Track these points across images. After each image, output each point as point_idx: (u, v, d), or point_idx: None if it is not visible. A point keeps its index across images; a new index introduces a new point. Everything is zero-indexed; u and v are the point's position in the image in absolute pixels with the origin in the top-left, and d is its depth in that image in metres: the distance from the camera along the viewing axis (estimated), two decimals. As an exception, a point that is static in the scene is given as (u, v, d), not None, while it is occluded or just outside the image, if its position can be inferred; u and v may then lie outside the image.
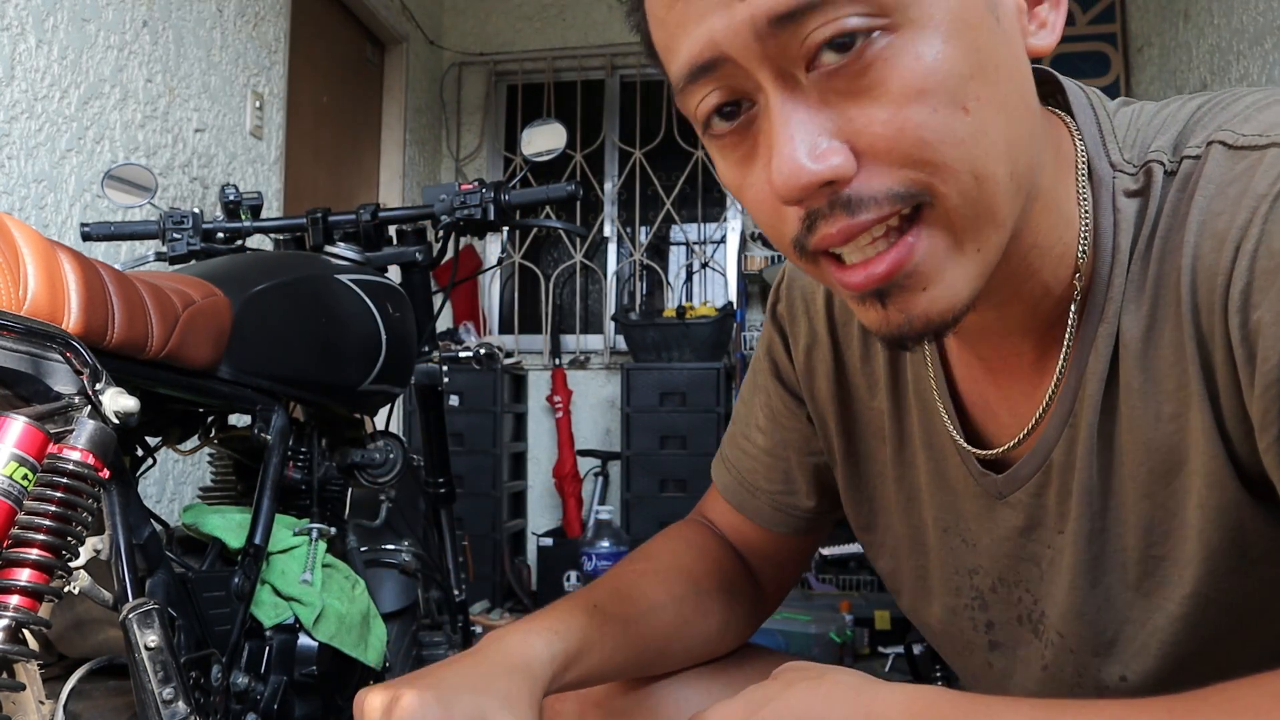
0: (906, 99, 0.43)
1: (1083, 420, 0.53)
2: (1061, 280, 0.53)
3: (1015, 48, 0.46)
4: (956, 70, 0.43)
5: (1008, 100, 0.45)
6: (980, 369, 0.60)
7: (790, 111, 0.44)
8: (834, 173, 0.43)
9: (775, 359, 0.75)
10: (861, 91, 0.43)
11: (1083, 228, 0.52)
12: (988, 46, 0.44)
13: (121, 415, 0.82)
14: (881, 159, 0.44)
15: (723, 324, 3.59)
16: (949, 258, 0.46)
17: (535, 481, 4.06)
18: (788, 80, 0.44)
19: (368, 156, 3.73)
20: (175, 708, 0.86)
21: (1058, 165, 0.52)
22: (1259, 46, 2.52)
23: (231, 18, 2.62)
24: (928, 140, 0.43)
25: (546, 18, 4.28)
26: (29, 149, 1.93)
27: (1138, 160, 0.51)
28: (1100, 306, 0.52)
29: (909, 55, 0.43)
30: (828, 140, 0.44)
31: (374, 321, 1.32)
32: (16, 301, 0.79)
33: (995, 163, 0.45)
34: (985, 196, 0.45)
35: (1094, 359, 0.52)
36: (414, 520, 1.60)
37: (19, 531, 0.75)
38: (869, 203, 0.44)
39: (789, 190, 0.44)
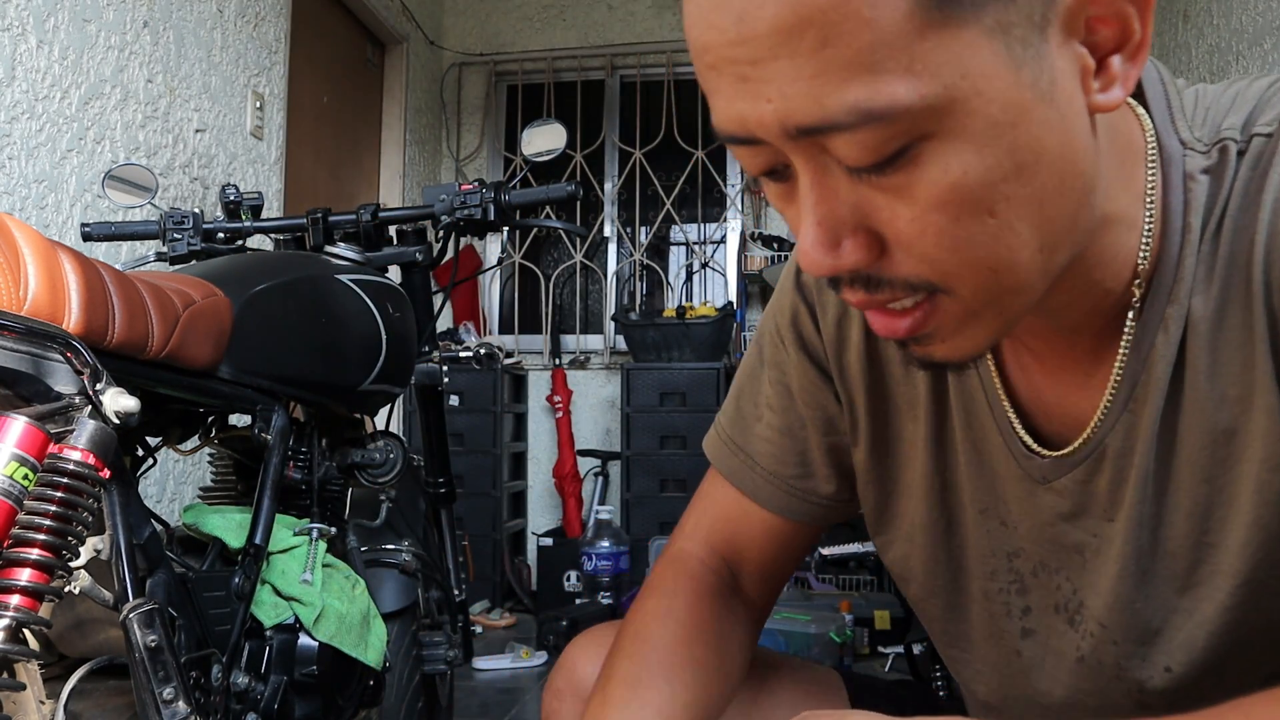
0: (930, 206, 0.42)
1: (1146, 405, 0.52)
2: (1123, 279, 0.51)
3: (1070, 122, 0.44)
4: (986, 180, 0.42)
5: (1046, 186, 0.44)
6: (1029, 356, 0.59)
7: (818, 199, 0.44)
8: (853, 265, 0.45)
9: (800, 330, 0.70)
10: (889, 187, 0.43)
11: (1147, 216, 0.50)
12: (1030, 140, 0.42)
13: (122, 415, 0.82)
14: (904, 250, 0.44)
15: (723, 324, 3.59)
16: (965, 323, 0.47)
17: (535, 481, 4.06)
18: (819, 167, 0.44)
19: (368, 156, 3.74)
20: (175, 707, 0.86)
21: (1124, 169, 0.50)
22: (1258, 47, 2.52)
23: (232, 18, 2.62)
24: (945, 245, 0.43)
25: (546, 18, 4.28)
26: (30, 149, 1.93)
27: (1209, 139, 0.50)
28: (1168, 287, 0.50)
29: (937, 167, 0.42)
30: (849, 233, 0.44)
31: (374, 321, 1.33)
32: (17, 301, 0.79)
33: (1019, 251, 0.44)
34: (1004, 282, 0.45)
35: (1162, 341, 0.51)
36: (414, 520, 1.60)
37: (19, 531, 0.76)
38: (886, 285, 0.46)
39: (810, 272, 0.45)
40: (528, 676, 2.78)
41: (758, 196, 4.07)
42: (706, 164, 4.08)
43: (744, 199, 4.09)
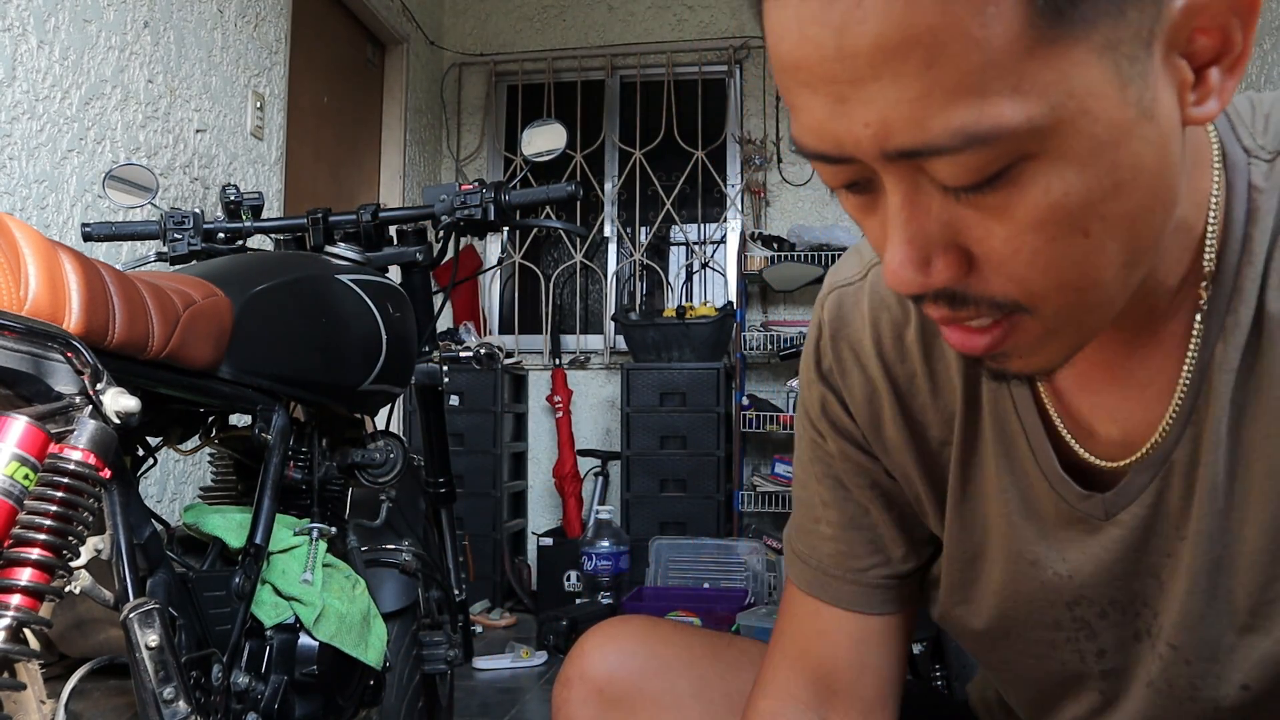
0: (1028, 227, 0.41)
1: (1208, 416, 0.51)
2: (1178, 278, 0.50)
3: (1168, 138, 0.42)
4: (1086, 200, 0.41)
5: (1139, 205, 0.42)
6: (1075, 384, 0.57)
7: (910, 216, 0.43)
8: (942, 284, 0.44)
9: (833, 419, 0.68)
10: (986, 206, 0.42)
11: (1211, 218, 0.49)
12: (1132, 158, 0.41)
13: (122, 415, 0.83)
14: (994, 269, 0.43)
15: (723, 324, 3.59)
16: (1043, 342, 0.46)
17: (535, 481, 4.06)
18: (911, 184, 0.42)
19: (368, 157, 3.74)
20: (176, 707, 0.86)
21: (1194, 174, 0.49)
22: (1258, 47, 2.52)
23: (232, 18, 2.62)
24: (1038, 264, 0.42)
25: (546, 18, 4.28)
26: (30, 149, 1.93)
27: (1273, 147, 0.49)
28: (1227, 297, 0.49)
29: (1038, 188, 0.40)
30: (940, 252, 0.43)
31: (374, 321, 1.33)
32: (18, 301, 0.79)
33: (1106, 269, 0.43)
34: (1090, 297, 0.44)
35: (1221, 351, 0.50)
36: (414, 520, 1.60)
37: (20, 531, 0.76)
38: (971, 302, 0.45)
39: (898, 290, 0.44)
40: (528, 676, 2.78)
41: (758, 196, 4.07)
42: (706, 164, 4.08)
43: (744, 199, 4.09)
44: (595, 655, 0.78)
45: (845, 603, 0.69)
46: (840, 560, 0.69)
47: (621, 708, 0.76)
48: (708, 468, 3.52)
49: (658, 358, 3.61)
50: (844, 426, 0.68)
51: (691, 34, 4.14)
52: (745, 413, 3.64)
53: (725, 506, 3.53)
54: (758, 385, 3.96)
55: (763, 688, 0.72)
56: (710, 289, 4.17)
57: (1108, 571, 0.58)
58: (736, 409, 3.65)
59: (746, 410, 3.64)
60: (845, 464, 0.68)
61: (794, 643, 0.71)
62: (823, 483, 0.70)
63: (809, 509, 0.71)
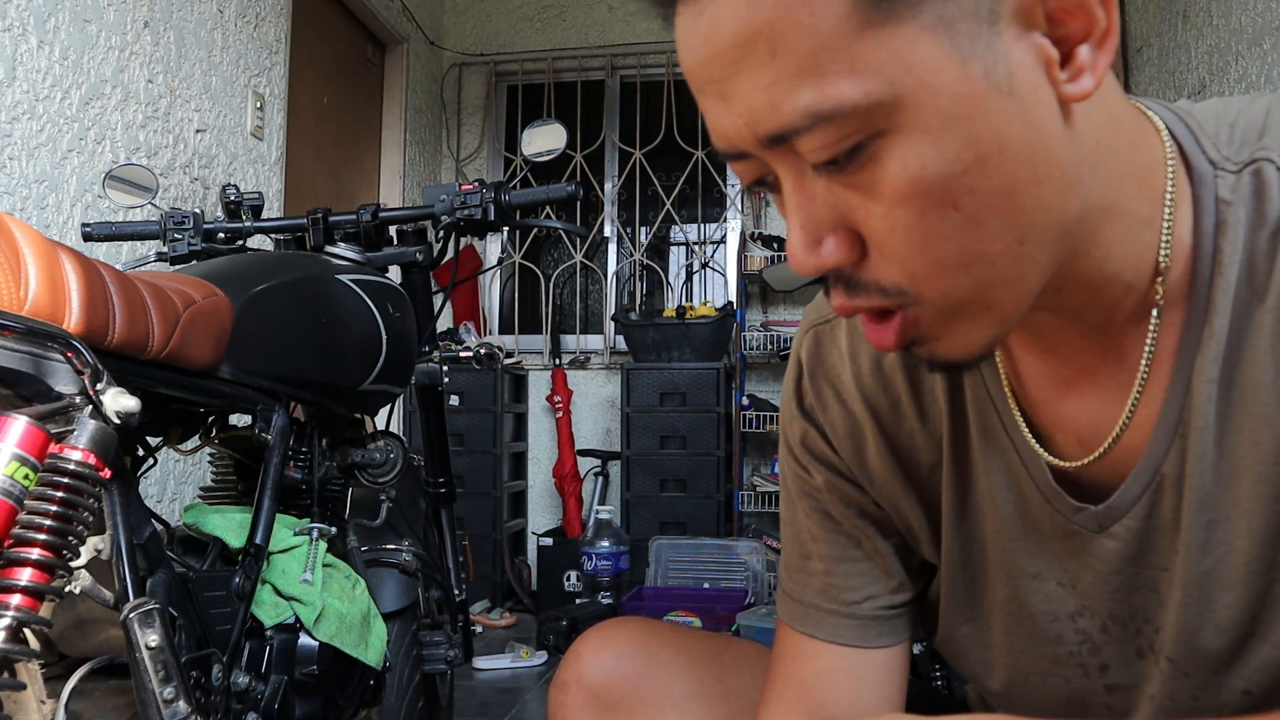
0: (896, 201, 0.44)
1: (1193, 426, 0.51)
2: (1144, 275, 0.51)
3: (1035, 113, 0.44)
4: (947, 172, 0.43)
5: (1015, 177, 0.44)
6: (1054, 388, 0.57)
7: (799, 204, 0.46)
8: (835, 263, 0.46)
9: (817, 452, 0.69)
10: (861, 186, 0.44)
11: (1165, 234, 0.50)
12: (990, 131, 0.42)
13: (122, 415, 0.83)
14: (878, 249, 0.46)
15: (723, 324, 3.59)
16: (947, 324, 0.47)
17: (535, 481, 4.06)
18: (798, 173, 0.46)
19: (368, 157, 3.74)
20: (176, 707, 0.86)
21: (1133, 169, 0.50)
22: (1258, 47, 2.52)
23: (232, 18, 2.62)
24: (916, 240, 0.44)
25: (546, 18, 4.28)
26: (30, 149, 1.93)
27: (1241, 158, 0.50)
28: (1203, 310, 0.50)
29: (895, 161, 0.43)
30: (830, 232, 0.46)
31: (374, 321, 1.33)
32: (18, 301, 0.79)
33: (990, 244, 0.45)
34: (978, 275, 0.45)
35: (1203, 363, 0.50)
36: (414, 520, 1.60)
37: (20, 531, 0.76)
38: (863, 287, 0.47)
39: (798, 272, 0.47)
40: (528, 676, 2.78)
41: (758, 197, 4.07)
42: (706, 164, 4.08)
43: (744, 199, 4.09)
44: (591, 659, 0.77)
45: (841, 638, 0.68)
46: (833, 595, 0.68)
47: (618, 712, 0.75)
48: (708, 468, 3.52)
49: (658, 358, 3.61)
50: (828, 459, 0.68)
51: (691, 34, 4.13)
52: (745, 413, 3.64)
53: (725, 506, 3.53)
54: (758, 385, 3.96)
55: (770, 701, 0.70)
56: (710, 289, 4.17)
57: (1105, 584, 0.58)
58: (736, 409, 3.65)
59: (746, 410, 3.64)
60: (832, 495, 0.68)
61: (790, 685, 0.70)
62: (811, 517, 0.69)
63: (798, 546, 0.71)
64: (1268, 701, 0.54)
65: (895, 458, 0.65)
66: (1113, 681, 0.60)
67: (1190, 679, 0.56)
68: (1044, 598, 0.60)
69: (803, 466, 0.70)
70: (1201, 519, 0.52)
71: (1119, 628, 0.58)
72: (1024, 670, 0.64)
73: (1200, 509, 0.52)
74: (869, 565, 0.68)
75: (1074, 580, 0.59)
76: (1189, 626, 0.54)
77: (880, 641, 0.68)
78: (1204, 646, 0.54)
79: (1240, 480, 0.51)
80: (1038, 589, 0.60)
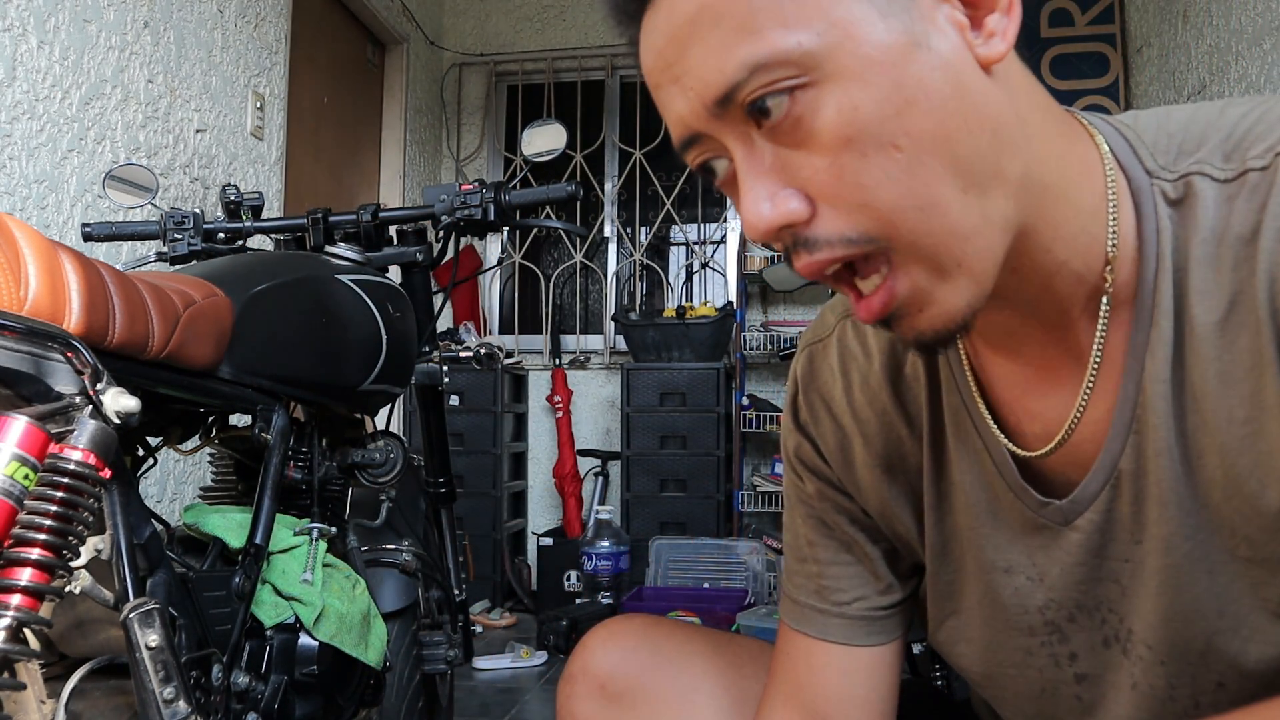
0: (838, 147, 0.47)
1: (1149, 424, 0.53)
2: (1095, 272, 0.53)
3: (955, 68, 0.48)
4: (878, 114, 0.46)
5: (947, 123, 0.47)
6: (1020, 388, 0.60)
7: (748, 168, 0.50)
8: (786, 218, 0.49)
9: (809, 463, 0.73)
10: (801, 142, 0.48)
11: (1111, 226, 0.53)
12: (914, 79, 0.46)
13: (122, 415, 0.83)
14: (830, 202, 0.48)
15: (723, 324, 3.59)
16: (932, 283, 0.49)
17: (535, 481, 4.06)
18: (745, 141, 0.50)
19: (368, 157, 3.74)
20: (176, 707, 0.86)
21: (1070, 158, 0.53)
22: (1258, 47, 2.52)
23: (232, 18, 2.62)
24: (865, 184, 0.47)
25: (546, 18, 4.28)
26: (30, 149, 1.93)
27: (1177, 169, 0.52)
28: (1149, 312, 0.52)
29: (830, 107, 0.46)
30: (781, 190, 0.49)
31: (374, 321, 1.33)
32: (18, 301, 0.79)
33: (937, 187, 0.47)
34: (936, 221, 0.48)
35: (1150, 364, 0.53)
36: (414, 520, 1.60)
37: (20, 531, 0.76)
38: (824, 244, 0.49)
39: (754, 236, 0.50)
40: (528, 676, 2.78)
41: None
42: (706, 164, 4.08)
43: (744, 199, 4.09)
44: (599, 652, 0.79)
45: (832, 636, 0.72)
46: (825, 595, 0.72)
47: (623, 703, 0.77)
48: (708, 468, 3.52)
49: (658, 358, 3.61)
50: (819, 469, 0.73)
51: (691, 34, 4.13)
52: (745, 413, 3.64)
53: (725, 506, 3.53)
54: (758, 385, 3.96)
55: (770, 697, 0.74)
56: (710, 289, 4.17)
57: (1071, 575, 0.60)
58: (736, 409, 3.65)
59: (746, 410, 3.64)
60: (824, 503, 0.73)
61: (786, 681, 0.74)
62: (807, 523, 0.74)
63: (797, 550, 0.75)
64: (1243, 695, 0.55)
65: (883, 466, 0.69)
66: (1081, 670, 0.62)
67: (1166, 668, 0.58)
68: (1014, 591, 0.63)
69: (798, 476, 0.74)
70: (1165, 514, 0.54)
71: (1085, 617, 0.61)
72: (1001, 662, 0.66)
73: (1166, 503, 0.54)
74: (859, 569, 0.72)
75: (1042, 574, 0.61)
76: (1162, 616, 0.56)
77: (869, 640, 0.72)
78: (1178, 636, 0.56)
79: (1209, 477, 0.53)
80: (1009, 583, 0.63)
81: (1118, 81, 3.56)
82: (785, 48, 0.46)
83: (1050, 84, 3.68)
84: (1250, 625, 0.54)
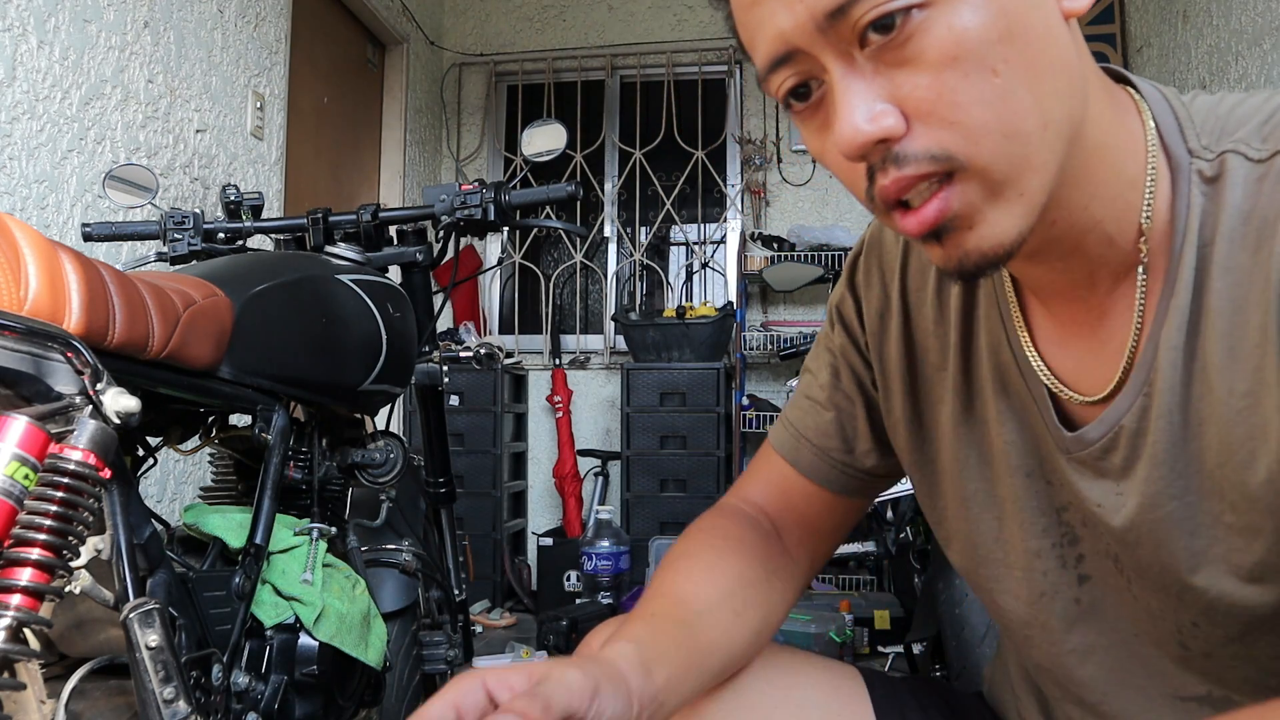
0: (943, 65, 0.49)
1: (1157, 389, 0.56)
2: (1127, 237, 0.56)
3: (1047, 10, 0.51)
4: (985, 37, 0.48)
5: (1037, 60, 0.50)
6: (1056, 329, 0.63)
7: (849, 84, 0.51)
8: (885, 132, 0.50)
9: (846, 318, 0.79)
10: (906, 61, 0.49)
11: (1147, 199, 0.55)
12: (1017, 11, 0.49)
13: (122, 415, 0.83)
14: (924, 120, 0.50)
15: (723, 324, 3.59)
16: (987, 203, 0.51)
17: (535, 481, 4.06)
18: (846, 59, 0.51)
19: (368, 157, 3.74)
20: (176, 707, 0.86)
21: (1119, 128, 0.56)
22: (1258, 47, 2.52)
23: (232, 18, 2.62)
24: (960, 103, 0.49)
25: (546, 18, 4.28)
26: (30, 149, 1.93)
27: (1215, 148, 0.55)
28: (1173, 284, 0.55)
29: (942, 26, 0.48)
30: (880, 104, 0.50)
31: (374, 321, 1.33)
32: (18, 301, 0.79)
33: (1024, 118, 0.50)
34: (1016, 150, 0.50)
35: (1167, 333, 0.55)
36: (414, 520, 1.60)
37: (20, 531, 0.76)
38: (913, 159, 0.50)
39: (850, 149, 0.50)
40: (528, 676, 2.77)
41: (758, 196, 4.07)
42: (706, 164, 4.08)
43: (744, 199, 4.10)
44: None
45: (809, 471, 0.80)
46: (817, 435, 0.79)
47: None
48: (708, 468, 3.52)
49: (658, 358, 3.61)
50: (852, 328, 0.78)
51: (691, 34, 4.14)
52: (745, 413, 3.64)
53: (725, 506, 3.53)
54: (758, 385, 3.96)
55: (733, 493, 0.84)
56: (710, 289, 4.17)
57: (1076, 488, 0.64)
58: (736, 409, 3.65)
59: (746, 410, 3.64)
60: (841, 359, 0.79)
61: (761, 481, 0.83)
62: (827, 369, 0.80)
63: (810, 385, 0.82)
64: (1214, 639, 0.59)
65: (907, 349, 0.73)
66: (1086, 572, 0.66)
67: (1152, 596, 0.61)
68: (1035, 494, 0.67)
69: (831, 323, 0.80)
70: (1158, 472, 0.57)
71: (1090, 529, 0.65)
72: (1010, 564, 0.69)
73: (1159, 463, 0.57)
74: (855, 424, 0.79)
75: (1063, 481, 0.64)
76: (1142, 561, 0.60)
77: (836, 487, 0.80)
78: (1158, 579, 0.60)
79: (1201, 441, 0.56)
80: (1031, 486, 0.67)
81: (1118, 81, 3.56)
82: None
83: (1050, 84, 3.68)
84: (1220, 587, 0.57)
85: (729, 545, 0.76)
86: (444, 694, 0.51)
